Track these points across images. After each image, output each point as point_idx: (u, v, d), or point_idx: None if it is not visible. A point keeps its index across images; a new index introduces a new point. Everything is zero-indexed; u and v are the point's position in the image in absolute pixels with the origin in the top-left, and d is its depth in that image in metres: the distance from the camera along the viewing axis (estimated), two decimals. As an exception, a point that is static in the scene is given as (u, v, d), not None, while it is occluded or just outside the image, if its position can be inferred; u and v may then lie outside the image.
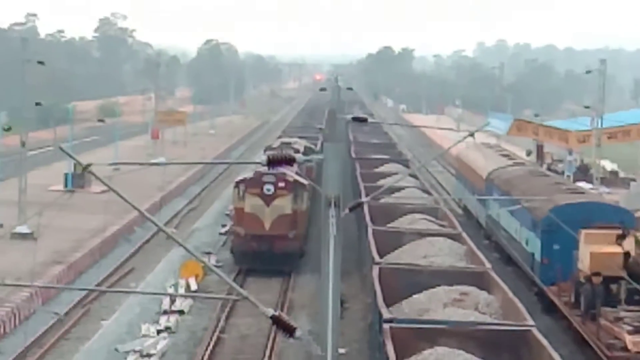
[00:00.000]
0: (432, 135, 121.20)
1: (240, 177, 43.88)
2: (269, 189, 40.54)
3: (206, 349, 32.44)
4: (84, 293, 38.70)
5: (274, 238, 40.92)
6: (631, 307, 30.45)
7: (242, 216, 41.56)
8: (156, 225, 23.66)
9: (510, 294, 27.29)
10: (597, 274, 31.39)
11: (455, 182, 70.08)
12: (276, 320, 13.52)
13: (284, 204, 40.92)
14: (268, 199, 40.56)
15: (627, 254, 31.07)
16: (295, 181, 41.68)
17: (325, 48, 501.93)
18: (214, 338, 33.85)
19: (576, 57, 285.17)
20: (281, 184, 41.01)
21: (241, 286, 33.65)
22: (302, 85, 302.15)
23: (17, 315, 35.12)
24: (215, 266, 38.65)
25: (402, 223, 40.15)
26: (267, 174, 40.95)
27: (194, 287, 40.23)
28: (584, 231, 33.12)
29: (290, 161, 33.46)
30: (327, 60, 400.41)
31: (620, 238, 31.74)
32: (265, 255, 40.36)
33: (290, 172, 41.45)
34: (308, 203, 46.71)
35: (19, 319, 35.04)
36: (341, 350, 15.95)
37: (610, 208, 39.61)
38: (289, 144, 57.37)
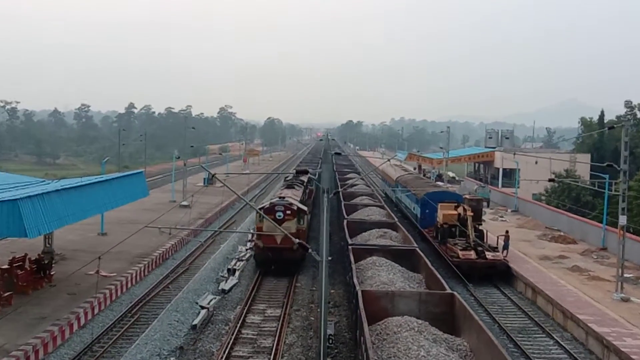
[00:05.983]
0: (370, 160, 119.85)
1: (260, 206, 31.01)
2: (279, 215, 27.86)
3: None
4: (212, 233, 38.26)
5: (283, 250, 27.44)
6: (460, 239, 30.23)
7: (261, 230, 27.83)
8: (244, 201, 23.49)
9: (407, 233, 27.11)
10: (445, 223, 31.23)
11: (381, 181, 69.49)
12: (300, 244, 13.44)
13: (290, 225, 27.47)
14: (279, 222, 27.08)
15: (459, 214, 30.86)
16: (298, 208, 28.66)
17: (322, 119, 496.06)
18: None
19: (436, 125, 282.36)
20: (288, 212, 28.04)
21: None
22: (311, 138, 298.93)
23: (182, 242, 34.75)
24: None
25: (357, 200, 39.61)
26: (278, 204, 28.46)
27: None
28: (439, 204, 32.95)
29: (306, 172, 32.07)
30: (322, 125, 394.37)
31: (456, 207, 31.54)
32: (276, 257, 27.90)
33: (296, 202, 29.97)
34: (308, 222, 33.15)
35: (182, 244, 34.63)
36: (329, 258, 15.66)
37: (451, 193, 39.21)
38: (305, 169, 50.55)
